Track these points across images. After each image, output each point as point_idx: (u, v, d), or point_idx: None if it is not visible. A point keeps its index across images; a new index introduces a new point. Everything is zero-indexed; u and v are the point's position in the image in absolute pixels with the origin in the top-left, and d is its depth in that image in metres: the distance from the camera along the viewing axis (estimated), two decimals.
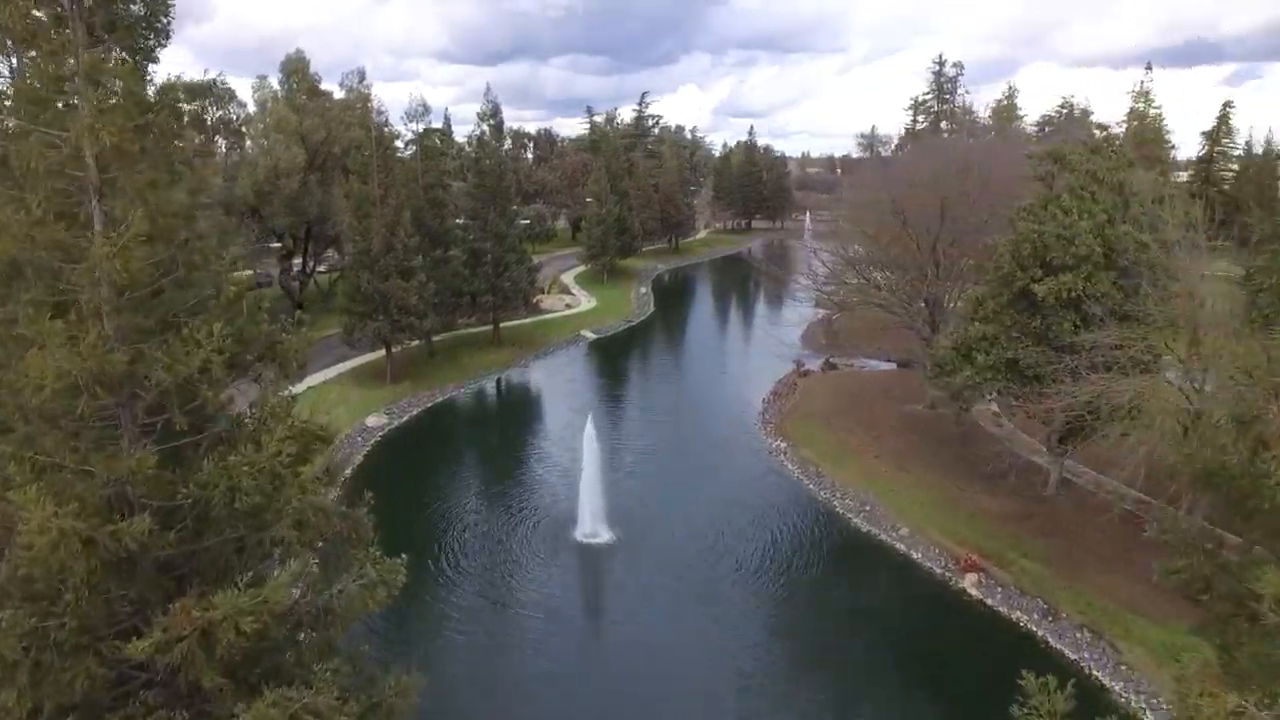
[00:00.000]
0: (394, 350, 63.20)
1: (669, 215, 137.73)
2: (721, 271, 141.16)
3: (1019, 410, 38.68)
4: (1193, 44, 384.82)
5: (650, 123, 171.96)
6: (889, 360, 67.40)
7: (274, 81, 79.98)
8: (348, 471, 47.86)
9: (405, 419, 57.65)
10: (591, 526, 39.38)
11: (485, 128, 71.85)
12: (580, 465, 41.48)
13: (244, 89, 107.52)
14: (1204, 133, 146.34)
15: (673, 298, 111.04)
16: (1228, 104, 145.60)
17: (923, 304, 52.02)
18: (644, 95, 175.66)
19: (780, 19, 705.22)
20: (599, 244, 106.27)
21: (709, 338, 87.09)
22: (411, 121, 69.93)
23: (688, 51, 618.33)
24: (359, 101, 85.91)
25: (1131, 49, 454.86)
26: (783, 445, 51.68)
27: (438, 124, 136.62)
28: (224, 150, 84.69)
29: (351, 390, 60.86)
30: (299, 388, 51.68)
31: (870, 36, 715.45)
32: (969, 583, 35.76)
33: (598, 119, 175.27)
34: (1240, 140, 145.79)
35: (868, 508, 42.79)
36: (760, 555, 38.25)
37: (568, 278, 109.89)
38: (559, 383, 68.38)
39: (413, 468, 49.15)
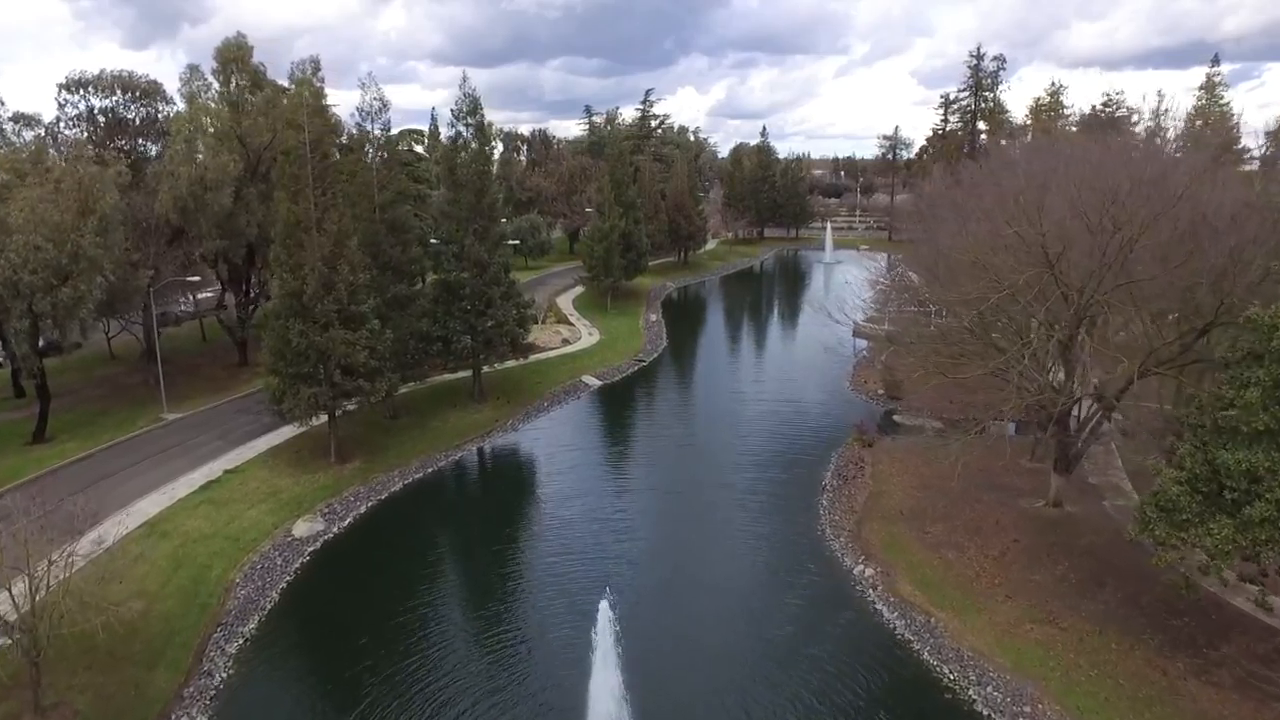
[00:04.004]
0: (343, 412, 48.67)
1: (678, 226, 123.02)
2: (740, 290, 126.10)
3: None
4: (1191, 45, 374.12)
5: (655, 123, 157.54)
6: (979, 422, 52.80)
7: (209, 73, 65.36)
8: (249, 627, 33.24)
9: (349, 520, 42.91)
10: None
11: (462, 129, 57.09)
12: (583, 629, 27.13)
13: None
14: (1268, 133, 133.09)
15: (688, 326, 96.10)
16: None
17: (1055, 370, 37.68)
18: (648, 93, 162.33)
19: (779, 19, 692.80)
20: (601, 263, 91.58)
21: (739, 384, 71.25)
22: (367, 121, 54.94)
23: (686, 53, 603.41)
24: (313, 98, 71.36)
25: (1129, 50, 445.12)
26: (869, 572, 36.99)
27: (420, 126, 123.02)
28: (154, 157, 70.22)
29: (282, 476, 46.27)
30: (214, 471, 36.84)
31: (868, 38, 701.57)
32: None
33: (597, 119, 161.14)
34: None
35: (1026, 708, 28.11)
36: None
37: (565, 302, 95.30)
38: (555, 454, 53.42)
39: (344, 617, 34.13)
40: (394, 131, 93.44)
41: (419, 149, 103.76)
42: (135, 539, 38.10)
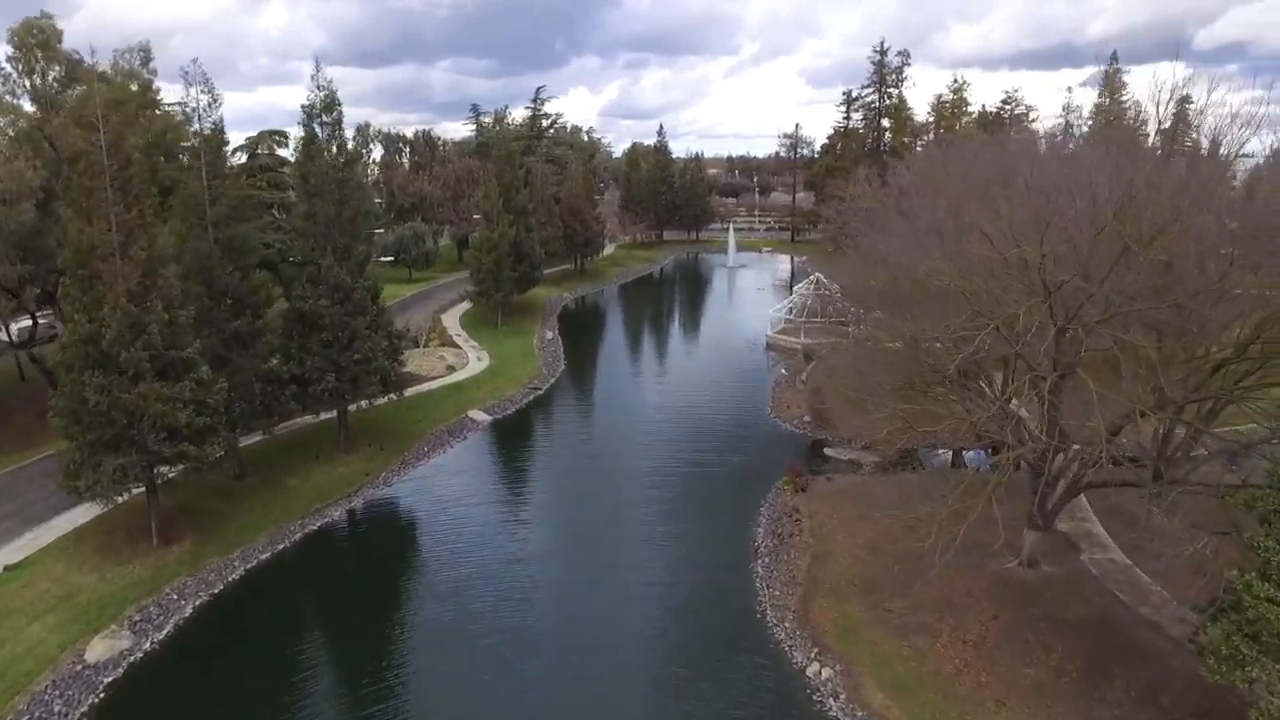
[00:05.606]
0: (165, 480, 39.20)
1: (575, 232, 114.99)
2: (641, 299, 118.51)
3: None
4: (1059, 49, 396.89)
5: (547, 122, 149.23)
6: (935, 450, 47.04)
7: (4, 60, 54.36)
8: None
9: (168, 630, 33.57)
10: None
11: (317, 129, 47.93)
12: None
13: None
14: (1161, 131, 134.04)
15: (588, 342, 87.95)
16: (1185, 100, 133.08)
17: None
18: (539, 90, 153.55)
19: (670, 19, 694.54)
20: (490, 277, 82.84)
21: (646, 412, 62.68)
22: (192, 122, 44.89)
23: (579, 53, 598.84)
24: (140, 93, 60.72)
25: (1003, 52, 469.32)
26: (825, 674, 30.00)
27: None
28: None
29: (84, 569, 36.49)
30: None
31: (758, 38, 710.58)
32: None
33: (485, 119, 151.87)
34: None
35: None
36: None
37: (451, 319, 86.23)
38: (438, 512, 44.83)
39: None
40: (249, 134, 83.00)
41: (285, 152, 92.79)
42: None
